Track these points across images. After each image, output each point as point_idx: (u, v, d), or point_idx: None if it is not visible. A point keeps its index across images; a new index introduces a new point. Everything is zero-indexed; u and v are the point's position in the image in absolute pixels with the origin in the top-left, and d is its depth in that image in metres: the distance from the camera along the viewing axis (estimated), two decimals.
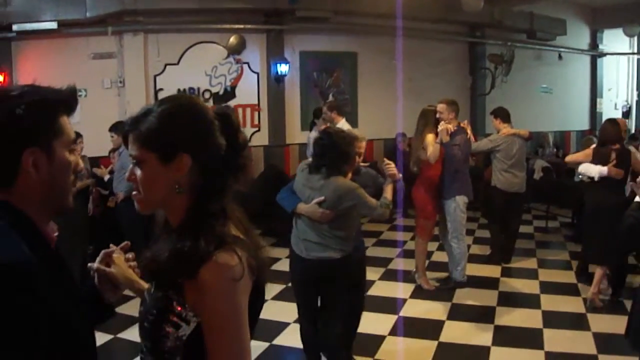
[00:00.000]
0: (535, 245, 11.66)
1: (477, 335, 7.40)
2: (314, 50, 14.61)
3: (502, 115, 10.26)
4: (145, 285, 2.58)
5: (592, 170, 8.13)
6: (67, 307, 2.00)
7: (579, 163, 8.71)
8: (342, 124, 10.22)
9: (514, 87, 16.38)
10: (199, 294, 2.04)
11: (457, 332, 7.47)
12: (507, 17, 15.72)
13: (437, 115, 8.65)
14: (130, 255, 2.72)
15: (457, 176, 8.68)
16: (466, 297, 8.69)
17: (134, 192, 2.24)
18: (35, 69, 12.00)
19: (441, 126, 8.42)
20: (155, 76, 13.04)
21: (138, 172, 2.19)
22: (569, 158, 9.58)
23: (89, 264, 2.62)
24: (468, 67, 16.69)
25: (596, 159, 8.16)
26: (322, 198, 5.54)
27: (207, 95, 13.37)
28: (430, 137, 8.64)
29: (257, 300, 2.22)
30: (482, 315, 8.00)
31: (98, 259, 2.63)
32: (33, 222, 2.05)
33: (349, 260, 5.74)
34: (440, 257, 10.10)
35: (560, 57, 17.56)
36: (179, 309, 2.09)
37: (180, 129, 2.15)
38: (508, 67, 16.19)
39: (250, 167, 2.35)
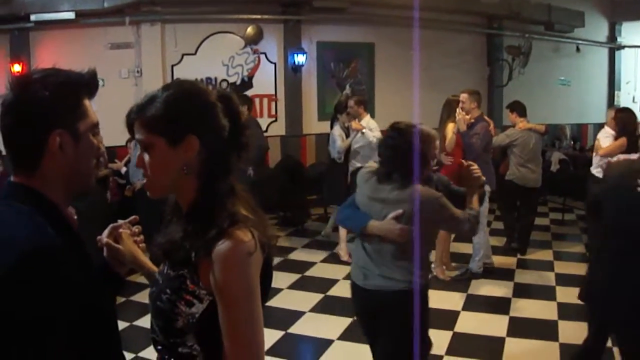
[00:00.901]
0: (552, 238, 11.65)
1: (492, 325, 7.41)
2: (331, 41, 14.58)
3: (519, 109, 10.30)
4: (149, 263, 2.71)
5: None
6: (92, 287, 2.06)
7: (612, 155, 8.49)
8: (367, 121, 10.25)
9: (531, 79, 16.28)
10: (213, 271, 2.09)
11: (472, 323, 7.49)
12: (524, 8, 15.60)
13: (460, 105, 8.61)
14: (136, 229, 2.75)
15: (478, 165, 8.36)
16: (482, 287, 8.70)
17: (144, 178, 2.29)
18: (53, 59, 11.86)
19: (459, 115, 8.39)
20: (172, 66, 13.08)
21: (146, 157, 2.23)
22: (603, 151, 9.20)
23: (98, 236, 2.66)
24: (485, 58, 16.60)
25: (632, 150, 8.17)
26: (400, 211, 4.46)
27: (224, 85, 13.30)
28: (450, 127, 8.67)
29: (266, 276, 2.26)
30: (498, 306, 8.02)
31: (106, 232, 2.68)
32: (56, 205, 2.08)
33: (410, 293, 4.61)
34: (460, 247, 10.12)
35: (578, 49, 17.44)
36: (193, 287, 2.15)
37: (187, 112, 2.20)
38: (525, 59, 16.10)
39: (251, 146, 2.38)
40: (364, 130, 10.06)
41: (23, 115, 2.02)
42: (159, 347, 2.29)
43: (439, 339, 6.87)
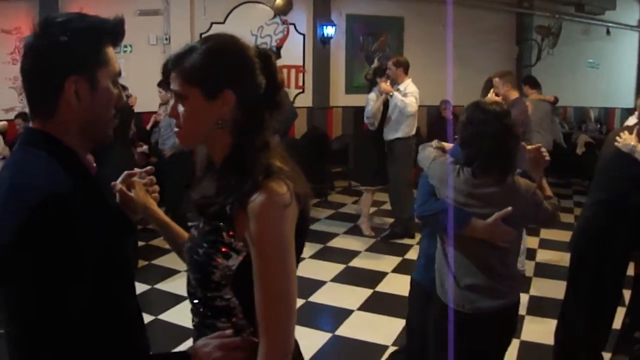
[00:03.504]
0: (574, 220, 11.60)
1: None
2: (360, 14, 14.54)
3: (531, 82, 11.16)
4: (161, 213, 2.75)
5: None
6: (108, 233, 2.05)
7: None
8: (406, 84, 9.76)
9: (559, 60, 16.14)
10: (248, 223, 2.07)
11: None
12: None
13: (493, 91, 7.97)
14: (148, 179, 2.75)
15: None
16: None
17: (175, 129, 2.27)
18: None
19: (490, 95, 7.78)
20: (201, 34, 13.01)
21: (180, 108, 2.20)
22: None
23: (112, 182, 2.66)
24: (514, 37, 16.47)
25: None
26: (510, 209, 3.72)
27: None
28: None
29: (302, 230, 2.22)
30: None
31: (120, 178, 2.68)
32: (73, 151, 2.08)
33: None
34: None
35: (608, 32, 17.25)
36: (229, 239, 2.13)
37: (225, 66, 2.17)
38: (555, 40, 15.96)
39: (284, 106, 2.36)
40: (391, 93, 9.60)
41: (40, 59, 2.01)
42: (196, 301, 2.31)
43: None
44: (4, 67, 12.20)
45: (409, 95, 9.55)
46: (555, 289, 7.56)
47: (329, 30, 13.81)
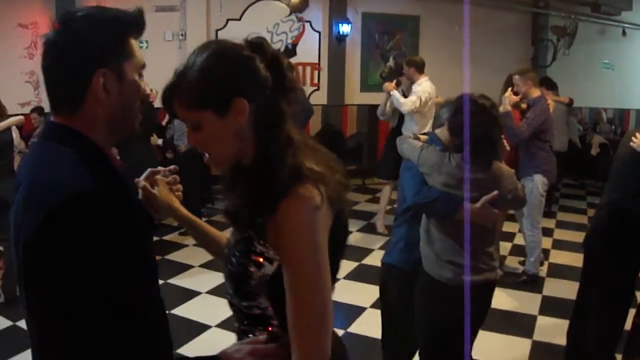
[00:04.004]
0: (588, 221, 11.58)
1: (525, 303, 7.48)
2: (376, 12, 14.56)
3: (547, 83, 11.02)
4: (183, 210, 2.69)
5: None
6: (133, 231, 2.00)
7: None
8: (420, 83, 9.79)
9: (575, 61, 16.08)
10: (278, 230, 2.01)
11: (505, 300, 7.51)
12: None
13: (514, 89, 8.03)
14: (171, 178, 2.70)
15: (534, 152, 8.00)
16: (515, 266, 8.72)
17: (205, 155, 2.19)
18: None
19: (507, 93, 7.93)
20: (217, 31, 13.15)
21: (199, 135, 2.12)
22: None
23: (136, 179, 2.63)
24: (530, 37, 16.45)
25: None
26: (496, 193, 4.07)
27: None
28: (502, 109, 7.83)
29: (338, 234, 2.15)
30: (531, 284, 8.06)
31: (144, 176, 2.65)
32: (99, 147, 2.04)
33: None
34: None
35: (624, 33, 17.19)
36: (261, 248, 2.09)
37: (224, 77, 2.06)
38: (570, 40, 15.88)
39: (297, 87, 2.29)
40: (391, 92, 9.73)
41: (65, 54, 1.96)
42: (235, 309, 2.29)
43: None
44: (20, 62, 12.27)
45: (413, 94, 9.61)
46: (568, 290, 7.56)
47: (344, 28, 13.82)
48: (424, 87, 9.69)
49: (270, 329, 2.18)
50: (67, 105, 2.00)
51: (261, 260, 2.09)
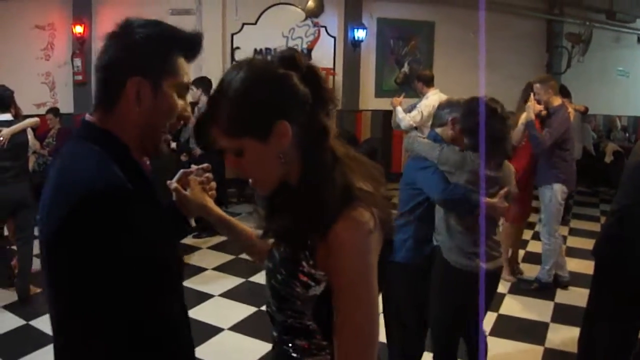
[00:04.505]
0: (600, 228, 11.57)
1: (537, 310, 7.45)
2: (391, 18, 14.61)
3: (563, 91, 10.49)
4: (218, 210, 2.66)
5: None
6: (155, 233, 2.04)
7: None
8: (430, 97, 9.94)
9: (590, 68, 16.02)
10: (328, 252, 1.94)
11: (517, 307, 7.53)
12: None
13: (534, 97, 7.82)
14: (204, 177, 2.66)
15: (555, 162, 7.85)
16: (528, 273, 8.68)
17: (250, 181, 2.11)
18: (115, 22, 12.16)
19: (530, 102, 7.72)
20: (232, 35, 13.20)
21: (241, 160, 2.03)
22: None
23: (168, 181, 2.61)
24: (545, 44, 16.44)
25: None
26: (507, 189, 4.51)
27: None
28: (522, 117, 7.91)
29: (386, 255, 2.09)
30: (543, 291, 8.02)
31: (176, 177, 2.63)
32: (128, 148, 2.08)
33: None
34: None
35: (639, 40, 17.21)
36: (309, 269, 2.02)
37: (263, 100, 1.96)
38: (585, 47, 15.86)
39: (335, 97, 2.10)
40: (397, 107, 10.08)
41: (110, 56, 2.04)
42: (275, 322, 2.24)
43: (484, 320, 6.94)
44: (36, 63, 12.37)
45: (415, 109, 9.91)
46: (580, 297, 7.56)
47: (359, 34, 13.87)
48: (429, 101, 9.79)
49: (313, 340, 2.13)
50: (103, 103, 2.07)
51: (309, 281, 2.03)
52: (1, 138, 6.99)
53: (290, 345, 2.16)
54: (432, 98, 9.76)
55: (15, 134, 7.16)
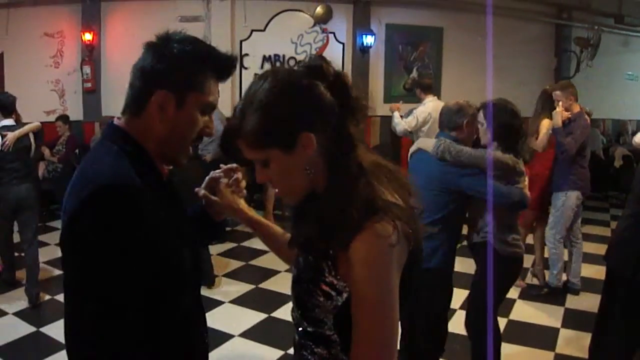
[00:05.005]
0: (611, 233, 11.53)
1: (547, 316, 7.46)
2: (400, 23, 14.55)
3: None
4: (249, 211, 2.69)
5: None
6: (167, 230, 2.08)
7: None
8: (427, 104, 10.11)
9: (598, 72, 15.96)
10: (351, 264, 1.93)
11: (527, 312, 7.54)
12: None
13: (556, 104, 7.77)
14: (231, 179, 2.67)
15: (573, 168, 7.84)
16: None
17: (275, 190, 2.16)
18: (124, 29, 12.31)
19: (558, 108, 7.65)
20: (241, 41, 13.23)
21: (268, 171, 2.07)
22: None
23: (196, 189, 2.65)
24: (553, 49, 16.39)
25: None
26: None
27: (292, 62, 13.32)
28: (544, 123, 7.97)
29: (412, 270, 2.06)
30: (553, 296, 8.03)
31: (204, 183, 2.66)
32: (146, 150, 2.14)
33: None
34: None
35: None
36: (331, 279, 2.02)
37: (288, 112, 1.98)
38: (594, 51, 15.81)
39: (364, 105, 2.14)
40: (394, 112, 10.44)
41: (143, 64, 2.11)
42: (299, 329, 2.22)
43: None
44: (46, 70, 12.42)
45: (411, 115, 10.18)
46: (591, 303, 7.55)
47: (368, 40, 13.85)
48: (425, 107, 10.03)
49: (332, 351, 2.10)
50: (130, 107, 2.16)
51: (331, 291, 2.03)
52: (7, 142, 7.39)
53: (309, 351, 2.17)
54: (429, 105, 10.01)
55: (19, 138, 7.58)
